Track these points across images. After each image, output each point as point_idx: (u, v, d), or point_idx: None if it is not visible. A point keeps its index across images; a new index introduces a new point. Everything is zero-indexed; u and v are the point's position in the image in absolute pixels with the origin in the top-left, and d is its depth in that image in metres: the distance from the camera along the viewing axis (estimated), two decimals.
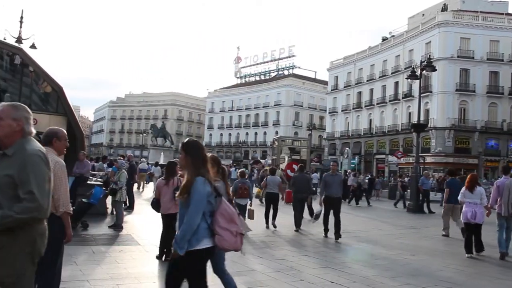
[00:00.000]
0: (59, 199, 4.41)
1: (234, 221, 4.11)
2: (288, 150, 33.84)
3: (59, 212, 4.41)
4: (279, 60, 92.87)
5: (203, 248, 3.97)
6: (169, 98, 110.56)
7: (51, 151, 4.53)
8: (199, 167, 4.02)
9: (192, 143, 4.21)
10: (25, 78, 16.05)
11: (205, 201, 3.94)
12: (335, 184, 12.26)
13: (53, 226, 4.40)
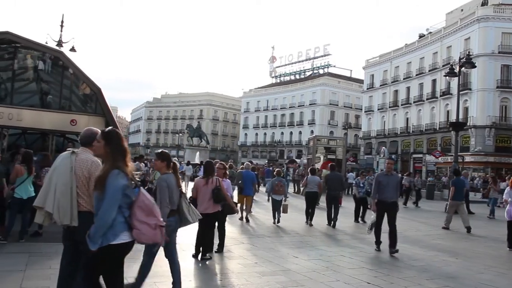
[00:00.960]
0: None
1: (153, 214, 3.98)
2: (324, 149, 33.61)
3: None
4: (314, 59, 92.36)
5: (120, 243, 3.86)
6: (204, 98, 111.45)
7: (87, 151, 4.65)
8: (117, 159, 3.93)
9: (114, 133, 4.10)
10: (66, 80, 16.48)
11: (120, 194, 3.83)
12: (390, 186, 10.20)
13: (91, 224, 4.53)
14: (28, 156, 9.32)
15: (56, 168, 4.54)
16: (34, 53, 16.21)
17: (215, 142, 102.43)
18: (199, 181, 8.58)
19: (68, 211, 4.38)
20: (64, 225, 4.47)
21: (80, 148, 4.65)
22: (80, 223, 4.42)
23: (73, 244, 4.59)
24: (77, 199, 4.43)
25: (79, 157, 4.51)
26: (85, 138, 4.68)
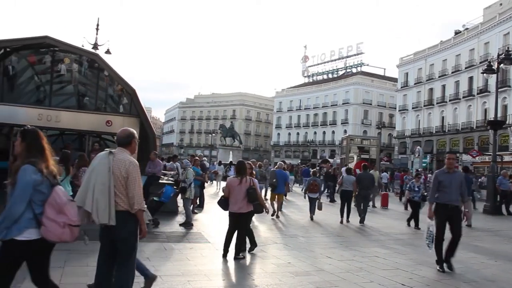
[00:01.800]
0: (134, 197, 4.60)
1: (63, 212, 3.92)
2: (357, 149, 33.28)
3: (133, 209, 4.60)
4: (347, 58, 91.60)
5: (23, 240, 3.79)
6: (237, 98, 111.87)
7: (125, 151, 4.75)
8: (32, 156, 3.91)
9: (31, 131, 4.10)
10: (101, 82, 16.81)
11: (30, 189, 3.79)
12: (453, 186, 8.35)
13: (128, 223, 4.61)
14: (66, 156, 9.54)
15: (95, 168, 4.64)
16: (71, 56, 16.58)
17: (248, 142, 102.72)
18: (232, 180, 8.58)
19: (106, 211, 4.48)
20: (102, 224, 4.57)
21: (117, 148, 4.75)
22: (118, 222, 4.52)
23: (110, 242, 4.69)
24: (115, 198, 4.53)
25: (117, 157, 4.62)
26: (122, 139, 4.79)
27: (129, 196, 4.58)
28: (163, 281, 6.50)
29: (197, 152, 58.61)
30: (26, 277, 6.16)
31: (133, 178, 4.61)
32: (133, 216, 4.63)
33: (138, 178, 4.70)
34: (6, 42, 15.21)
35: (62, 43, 15.17)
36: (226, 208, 8.53)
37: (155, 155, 14.15)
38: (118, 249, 4.67)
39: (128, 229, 4.64)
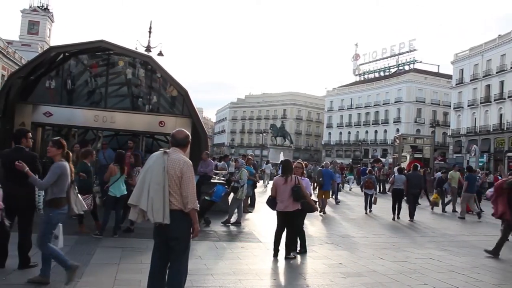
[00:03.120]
0: (188, 196, 4.69)
1: None
2: (410, 148, 32.67)
3: (187, 208, 4.69)
4: (399, 55, 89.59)
5: None
6: (288, 98, 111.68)
7: (179, 151, 4.86)
8: None
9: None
10: (154, 84, 17.18)
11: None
12: None
13: (182, 222, 4.71)
14: (121, 156, 9.82)
15: (150, 168, 4.75)
16: (125, 59, 17.03)
17: (298, 142, 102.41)
18: (278, 179, 8.62)
19: (160, 209, 4.57)
20: (156, 223, 4.67)
21: (171, 149, 4.86)
22: (172, 221, 4.62)
23: (164, 240, 4.80)
24: (169, 197, 4.64)
25: (171, 157, 4.72)
26: (180, 140, 4.90)
27: (183, 195, 4.67)
28: (215, 279, 6.60)
29: (248, 152, 58.95)
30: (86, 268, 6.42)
31: (187, 178, 4.71)
32: (187, 215, 4.72)
33: (192, 178, 4.79)
34: (65, 47, 15.81)
35: (117, 46, 15.61)
36: (274, 208, 8.58)
37: (207, 155, 14.35)
38: (171, 248, 4.77)
39: (182, 228, 4.74)
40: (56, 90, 16.61)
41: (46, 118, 15.72)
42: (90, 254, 7.63)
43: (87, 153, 9.93)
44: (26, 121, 15.07)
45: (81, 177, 9.21)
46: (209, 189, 12.09)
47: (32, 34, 74.06)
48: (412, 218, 15.23)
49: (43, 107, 15.76)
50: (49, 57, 15.56)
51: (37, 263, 6.36)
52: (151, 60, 16.50)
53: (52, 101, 16.25)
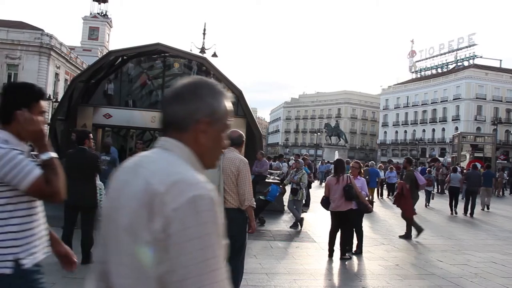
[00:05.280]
0: (245, 194, 4.76)
1: None
2: (470, 147, 31.59)
3: (244, 206, 4.76)
4: (457, 51, 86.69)
5: None
6: (342, 97, 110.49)
7: (234, 150, 4.94)
8: None
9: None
10: None
11: None
12: None
13: (237, 220, 4.78)
14: None
15: None
16: (180, 61, 17.37)
17: (353, 141, 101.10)
18: (330, 179, 8.63)
19: None
20: None
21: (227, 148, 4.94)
22: (227, 220, 4.69)
23: None
24: (225, 196, 4.72)
25: (226, 156, 4.81)
26: (236, 139, 4.99)
27: (240, 193, 4.75)
28: (269, 278, 6.63)
29: (302, 152, 58.80)
30: None
31: (243, 176, 4.78)
32: (242, 213, 4.79)
33: (249, 176, 4.86)
34: (123, 51, 16.32)
35: (173, 49, 15.95)
36: (327, 207, 8.55)
37: (262, 155, 14.41)
38: (227, 246, 4.83)
39: (237, 227, 4.80)
40: (115, 92, 17.16)
41: (106, 119, 16.26)
42: None
43: None
44: (88, 123, 15.64)
45: None
46: (264, 188, 12.13)
47: (93, 40, 76.88)
48: (471, 214, 16.47)
49: (103, 109, 16.32)
50: (108, 61, 16.10)
51: None
52: (206, 61, 16.75)
53: (111, 103, 16.79)
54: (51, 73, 52.01)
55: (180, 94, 1.48)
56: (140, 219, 1.31)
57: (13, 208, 2.24)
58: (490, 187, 19.55)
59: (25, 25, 52.20)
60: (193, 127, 1.46)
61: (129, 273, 1.34)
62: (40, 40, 49.93)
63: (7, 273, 2.18)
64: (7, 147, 2.23)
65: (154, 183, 1.33)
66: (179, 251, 1.26)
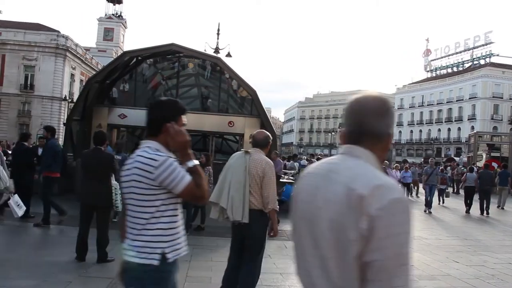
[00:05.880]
0: (269, 196, 4.75)
1: None
2: (486, 146, 31.22)
3: (267, 208, 4.76)
4: (473, 49, 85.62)
5: None
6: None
7: (260, 152, 4.93)
8: None
9: None
10: (223, 85, 17.46)
11: None
12: None
13: (260, 222, 4.79)
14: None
15: (231, 167, 4.88)
16: (195, 61, 17.42)
17: None
18: None
19: (240, 208, 4.67)
20: (235, 221, 4.76)
21: (252, 149, 4.94)
22: (250, 220, 4.70)
23: (240, 240, 4.89)
24: (249, 197, 4.71)
25: (253, 157, 4.80)
26: (261, 141, 4.97)
27: (264, 195, 4.73)
28: (284, 278, 6.63)
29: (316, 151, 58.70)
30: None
31: (269, 178, 4.77)
32: (264, 215, 4.79)
33: (274, 178, 4.85)
34: (138, 51, 16.42)
35: (187, 49, 16.00)
36: None
37: (276, 155, 14.42)
38: (247, 247, 4.84)
39: (259, 228, 4.81)
40: (129, 93, 17.26)
41: (120, 120, 16.38)
42: None
43: None
44: (103, 123, 15.77)
45: None
46: (279, 188, 12.12)
47: (107, 41, 77.50)
48: (486, 213, 16.65)
49: (118, 109, 16.44)
50: (123, 61, 16.21)
51: (114, 257, 6.67)
52: (220, 61, 16.78)
53: (126, 104, 16.90)
54: (67, 74, 52.50)
55: (379, 111, 1.74)
56: (346, 220, 1.51)
57: (164, 208, 2.55)
58: (506, 186, 19.64)
59: (42, 27, 52.78)
60: (386, 139, 1.75)
61: (334, 269, 1.56)
62: (56, 41, 50.43)
63: (154, 264, 2.49)
64: (164, 155, 2.55)
65: (357, 188, 1.52)
66: (380, 246, 1.47)
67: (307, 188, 1.71)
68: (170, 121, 2.64)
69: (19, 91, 50.04)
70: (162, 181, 2.49)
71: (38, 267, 6.30)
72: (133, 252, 2.52)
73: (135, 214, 2.56)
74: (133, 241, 2.55)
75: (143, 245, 2.51)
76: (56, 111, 50.96)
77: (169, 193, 2.54)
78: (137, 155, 2.59)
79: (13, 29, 49.59)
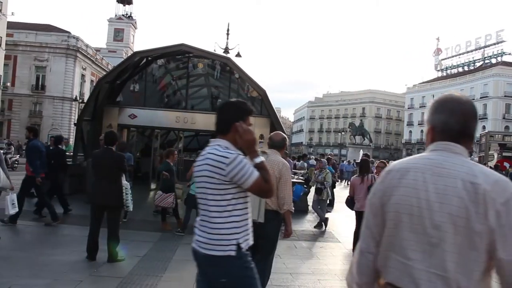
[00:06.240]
0: (285, 197, 4.76)
1: None
2: (498, 146, 30.95)
3: (283, 209, 4.77)
4: (485, 48, 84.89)
5: None
6: (366, 96, 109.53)
7: (277, 153, 4.95)
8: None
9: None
10: (233, 85, 17.47)
11: None
12: None
13: (274, 222, 4.81)
14: None
15: None
16: (204, 61, 17.44)
17: (378, 140, 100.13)
18: (355, 179, 8.61)
19: (256, 208, 4.66)
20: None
21: (269, 150, 4.98)
22: (265, 220, 4.72)
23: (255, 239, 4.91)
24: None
25: (270, 158, 4.82)
26: (278, 142, 5.01)
27: (280, 196, 4.75)
28: (293, 278, 6.62)
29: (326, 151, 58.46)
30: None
31: (285, 180, 4.79)
32: (278, 216, 4.80)
33: (290, 180, 4.87)
34: (148, 52, 16.46)
35: (197, 49, 16.01)
36: (352, 207, 8.51)
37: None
38: (259, 247, 4.86)
39: (273, 228, 4.83)
40: (140, 93, 17.32)
41: (131, 120, 16.44)
42: (173, 250, 7.90)
43: (169, 153, 10.29)
44: (113, 123, 15.84)
45: (164, 176, 9.57)
46: None
47: (118, 41, 77.87)
48: None
49: (128, 109, 16.50)
50: (133, 61, 16.26)
51: (124, 257, 6.71)
52: (230, 61, 16.78)
53: (136, 104, 16.96)
54: (78, 75, 52.83)
55: (476, 114, 1.89)
56: (470, 213, 1.62)
57: (235, 202, 2.75)
58: None
59: (53, 28, 53.15)
60: (471, 139, 1.87)
61: (450, 262, 1.64)
62: (67, 42, 50.77)
63: (232, 255, 2.69)
64: (235, 153, 2.74)
65: (480, 183, 1.65)
66: (508, 237, 1.59)
67: (408, 182, 1.77)
68: (239, 120, 2.83)
69: (31, 91, 50.45)
70: (233, 176, 2.67)
71: (49, 266, 6.34)
72: (209, 245, 2.72)
73: (208, 208, 2.76)
74: (208, 234, 2.74)
75: (219, 238, 2.70)
76: (67, 111, 51.31)
77: (239, 187, 2.72)
78: (208, 152, 2.81)
79: (24, 31, 49.99)
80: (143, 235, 9.00)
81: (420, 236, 1.71)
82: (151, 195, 14.52)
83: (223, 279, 2.72)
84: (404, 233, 1.75)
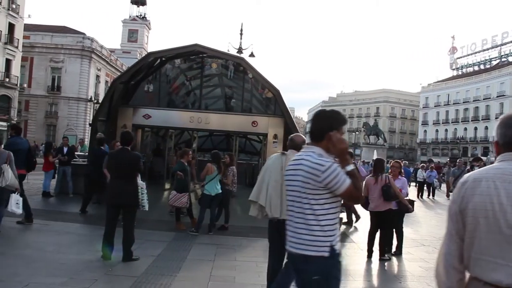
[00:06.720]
0: None
1: None
2: None
3: None
4: (501, 46, 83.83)
5: None
6: (381, 96, 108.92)
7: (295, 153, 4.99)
8: None
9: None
10: (247, 85, 17.46)
11: None
12: None
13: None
14: (217, 156, 10.08)
15: (268, 168, 5.14)
16: (218, 61, 17.46)
17: (392, 140, 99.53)
18: (369, 179, 8.51)
19: (278, 205, 4.85)
20: (274, 218, 4.92)
21: (289, 151, 5.09)
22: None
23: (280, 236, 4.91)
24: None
25: (289, 158, 4.86)
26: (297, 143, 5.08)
27: None
28: None
29: None
30: (181, 266, 6.69)
31: None
32: None
33: None
34: (162, 52, 16.52)
35: (210, 50, 16.03)
36: (366, 207, 8.45)
37: None
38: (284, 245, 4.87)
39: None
40: (154, 93, 17.39)
41: (145, 120, 16.52)
42: (187, 250, 7.92)
43: (183, 153, 10.32)
44: (128, 124, 15.92)
45: (179, 176, 9.60)
46: None
47: (132, 42, 78.38)
48: None
49: (143, 109, 16.58)
50: (147, 62, 16.34)
51: (139, 256, 6.75)
52: (243, 61, 16.78)
53: (150, 104, 17.03)
54: (92, 75, 53.29)
55: None
56: None
57: (328, 206, 2.92)
58: None
59: (68, 30, 53.68)
60: None
61: None
62: (82, 43, 51.24)
63: (325, 256, 2.88)
64: (329, 161, 2.91)
65: None
66: None
67: (482, 190, 2.04)
68: (333, 130, 3.01)
69: (47, 92, 51.03)
70: (327, 183, 2.85)
71: (65, 265, 6.40)
72: (304, 245, 2.91)
73: (302, 211, 2.93)
74: (302, 235, 2.92)
75: (313, 239, 2.88)
76: (82, 112, 51.79)
77: (331, 193, 2.89)
78: (303, 158, 2.99)
79: (40, 32, 50.56)
80: (157, 234, 9.05)
81: (496, 235, 1.96)
82: (165, 195, 14.58)
83: (316, 277, 2.90)
84: (482, 234, 2.01)
